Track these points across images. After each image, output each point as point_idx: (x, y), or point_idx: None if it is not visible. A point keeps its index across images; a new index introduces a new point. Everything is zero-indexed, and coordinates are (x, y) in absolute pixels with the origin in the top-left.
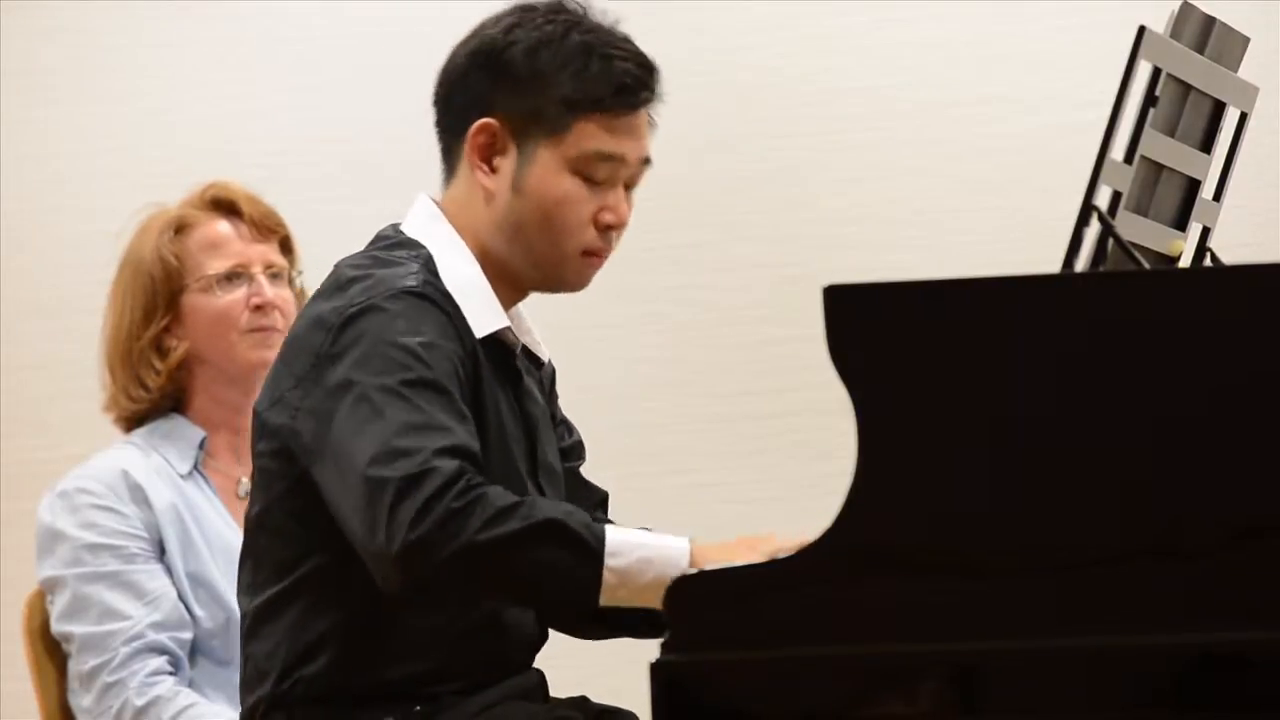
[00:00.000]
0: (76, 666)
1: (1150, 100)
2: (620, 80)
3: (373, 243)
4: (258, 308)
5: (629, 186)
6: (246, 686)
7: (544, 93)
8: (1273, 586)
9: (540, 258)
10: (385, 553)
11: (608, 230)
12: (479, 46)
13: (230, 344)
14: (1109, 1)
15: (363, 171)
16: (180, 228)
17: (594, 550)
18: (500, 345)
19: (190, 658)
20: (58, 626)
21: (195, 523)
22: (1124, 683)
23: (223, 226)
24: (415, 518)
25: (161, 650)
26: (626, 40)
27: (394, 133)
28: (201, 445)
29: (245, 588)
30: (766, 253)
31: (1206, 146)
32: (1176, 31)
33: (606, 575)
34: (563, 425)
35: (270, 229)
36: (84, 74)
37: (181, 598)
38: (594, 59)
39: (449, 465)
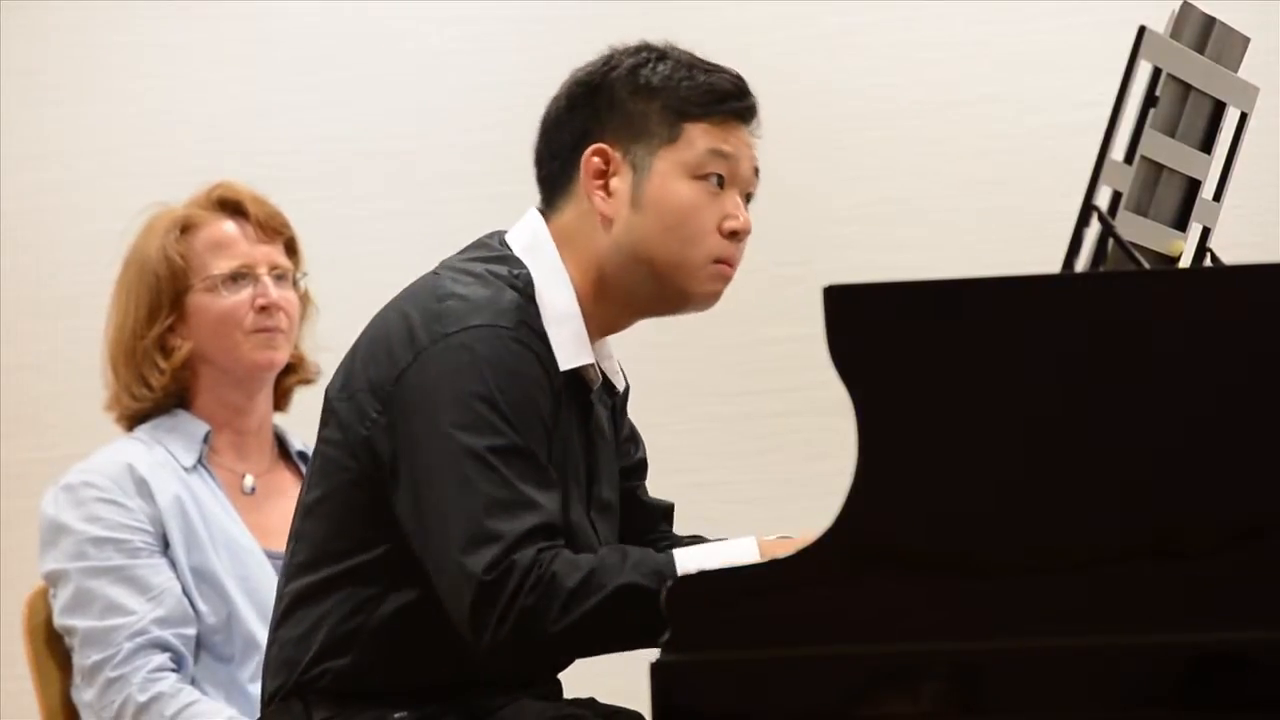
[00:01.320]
0: (79, 661)
1: (1150, 100)
2: (723, 87)
3: (475, 247)
4: (262, 308)
5: (745, 197)
6: (270, 672)
7: (651, 106)
8: (1273, 586)
9: (668, 270)
10: (474, 644)
11: (733, 236)
12: (576, 83)
13: (234, 344)
14: (1109, 1)
15: (366, 173)
16: (186, 227)
17: None
18: (579, 379)
19: (193, 653)
20: (61, 620)
21: (200, 516)
22: (1124, 682)
23: (228, 227)
24: (496, 623)
25: (165, 646)
26: (714, 61)
27: (397, 134)
28: (206, 439)
29: (287, 569)
30: (766, 253)
31: (1207, 146)
32: (1177, 31)
33: None
34: (629, 442)
35: (276, 230)
36: (84, 74)
37: (185, 592)
38: (695, 71)
39: (525, 556)
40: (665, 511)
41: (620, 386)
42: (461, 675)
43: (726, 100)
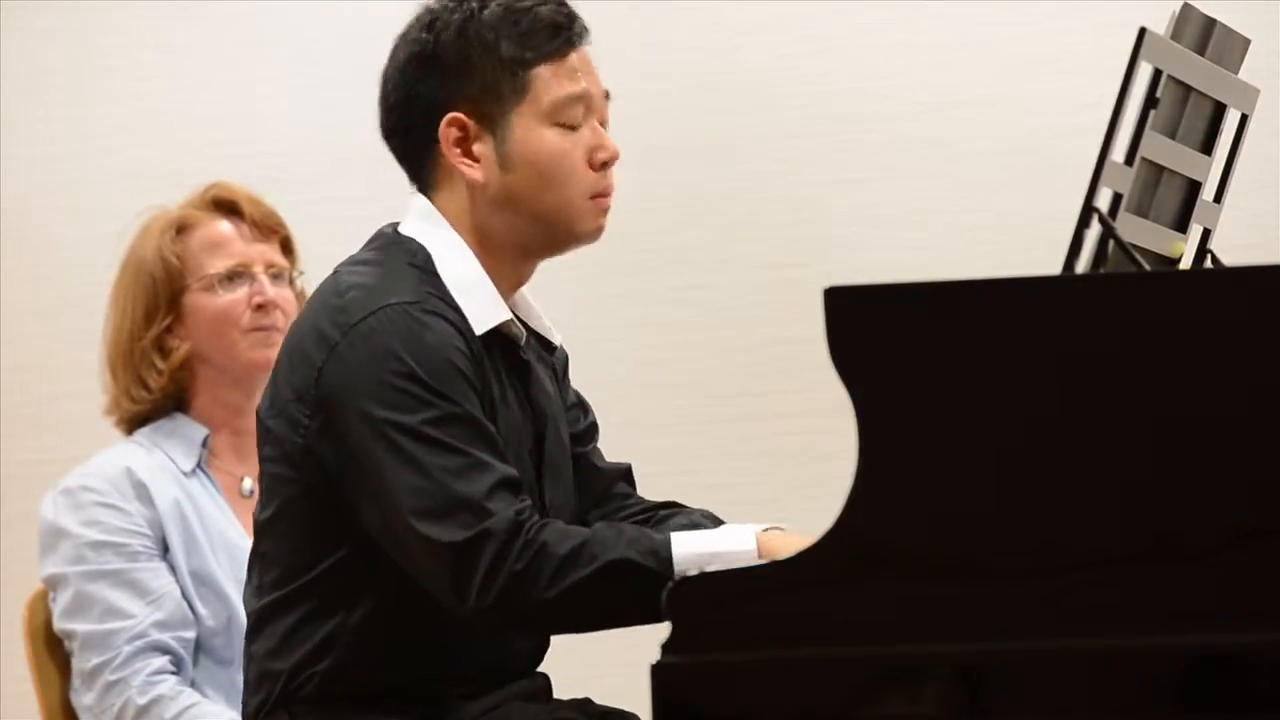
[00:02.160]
0: (79, 664)
1: (1151, 102)
2: (551, 22)
3: (370, 242)
4: (259, 307)
5: (601, 124)
6: (250, 689)
7: (489, 66)
8: (1273, 587)
9: (549, 216)
10: (460, 610)
11: (604, 167)
12: (408, 56)
13: (232, 343)
14: (1110, 3)
15: (363, 172)
16: (182, 228)
17: (663, 576)
18: (504, 338)
19: (192, 656)
20: (60, 624)
21: (199, 520)
22: (1125, 683)
23: (224, 227)
24: (481, 587)
25: (164, 649)
26: None
27: None
28: (204, 443)
29: (253, 590)
30: (767, 254)
31: (1207, 148)
32: (1177, 33)
33: None
34: (576, 408)
35: (271, 229)
36: (84, 75)
37: (184, 596)
38: (518, 15)
39: (502, 520)
40: (623, 473)
41: (557, 340)
42: (445, 670)
43: (559, 34)
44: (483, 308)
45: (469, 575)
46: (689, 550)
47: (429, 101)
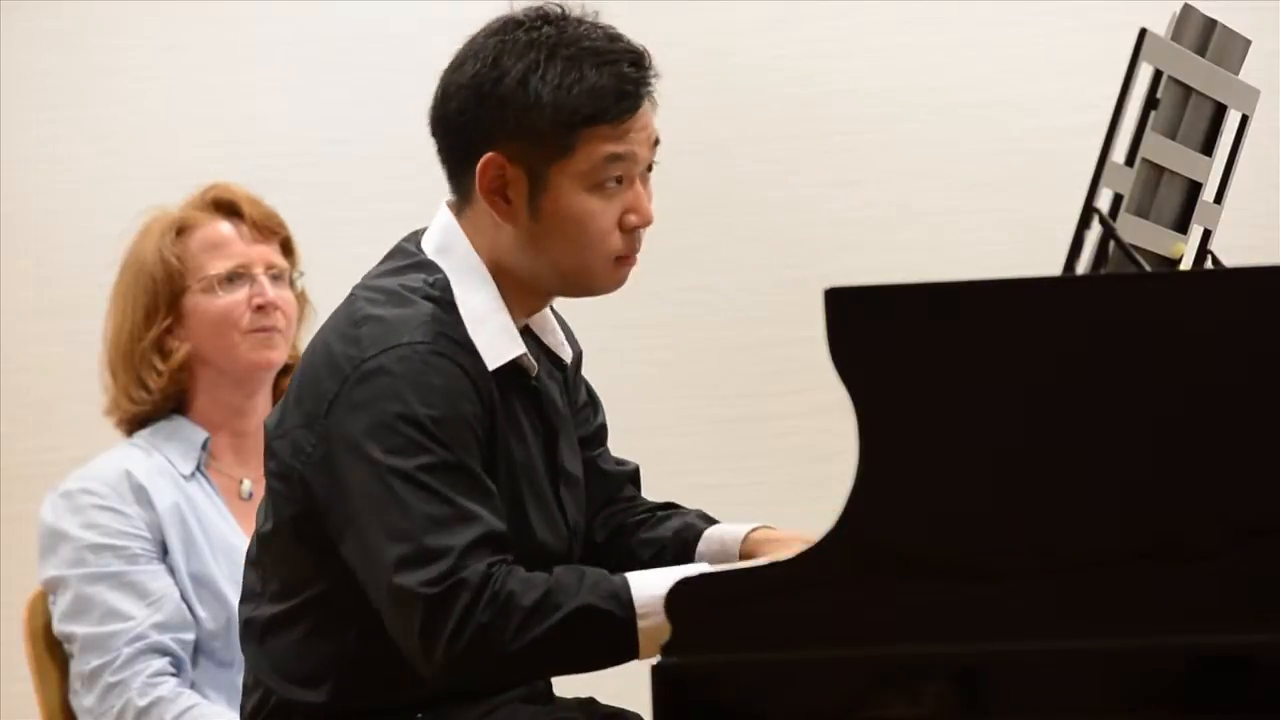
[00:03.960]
0: (78, 667)
1: (1151, 103)
2: (616, 87)
3: (390, 258)
4: (259, 308)
5: (648, 170)
6: (247, 690)
7: (543, 118)
8: (1274, 587)
9: (568, 271)
10: (424, 666)
11: (634, 231)
12: (470, 80)
13: (232, 344)
14: (1110, 3)
15: (363, 173)
16: (181, 229)
17: (624, 620)
18: (518, 369)
19: (192, 658)
20: (60, 627)
21: (198, 523)
22: (1125, 684)
23: (224, 228)
24: (449, 640)
25: (164, 651)
26: (612, 39)
27: (394, 134)
28: (204, 446)
29: (248, 595)
30: (768, 254)
31: (1208, 149)
32: (1178, 34)
33: (641, 638)
34: (587, 407)
35: (271, 230)
36: (84, 75)
37: (184, 598)
38: (586, 71)
39: (475, 573)
40: (630, 476)
41: (568, 357)
42: (440, 693)
43: (620, 101)
44: (497, 342)
45: (439, 628)
46: (647, 593)
47: (477, 132)
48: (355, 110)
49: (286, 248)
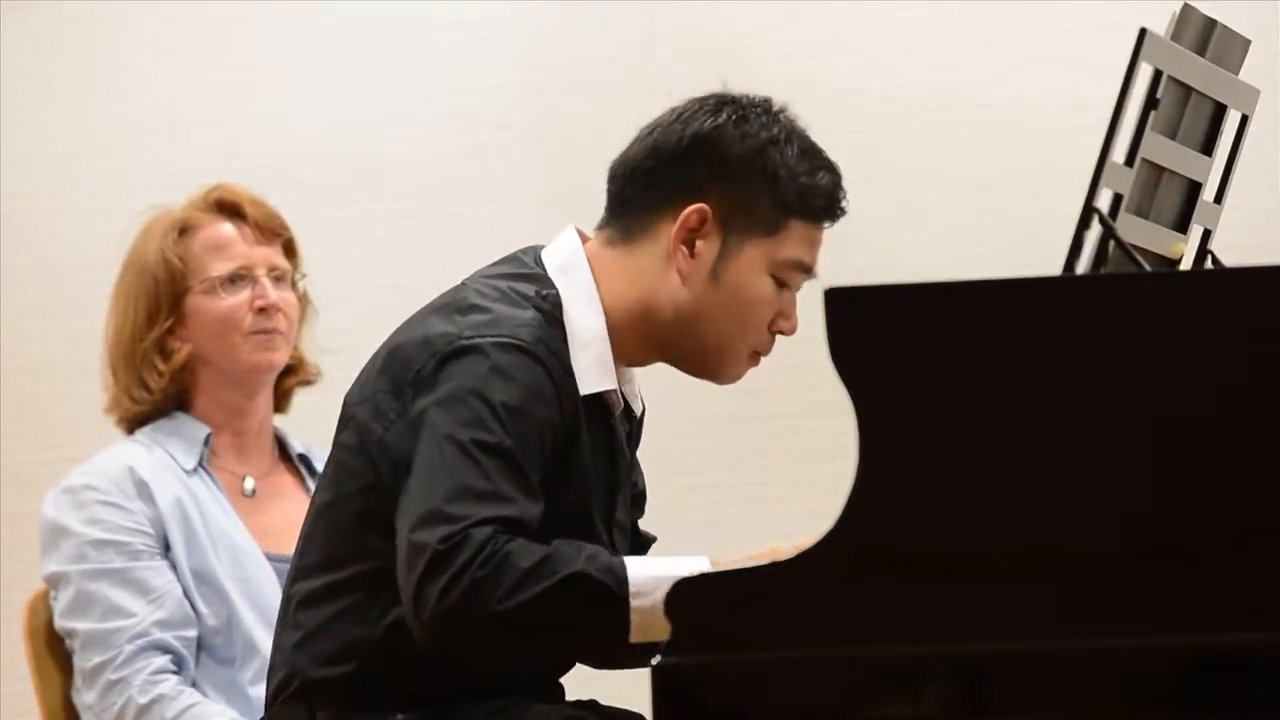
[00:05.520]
0: (80, 663)
1: (1151, 103)
2: (835, 195)
3: (508, 261)
4: (261, 310)
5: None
6: (274, 670)
7: (765, 191)
8: (1273, 587)
9: (712, 349)
10: (414, 619)
11: (775, 335)
12: (703, 131)
13: (233, 346)
14: (1110, 3)
15: (365, 175)
16: (184, 229)
17: (618, 595)
18: (601, 403)
19: (194, 656)
20: (61, 623)
21: (200, 519)
22: (1125, 683)
23: (227, 228)
24: (442, 592)
25: (165, 648)
26: (827, 153)
27: (396, 135)
28: (206, 441)
29: (294, 569)
30: None
31: (1208, 149)
32: (1178, 34)
33: (633, 616)
34: (636, 468)
35: (274, 231)
36: (84, 75)
37: (186, 595)
38: (817, 169)
39: (481, 533)
40: (645, 546)
41: (638, 411)
42: (465, 684)
43: (833, 208)
44: (592, 369)
45: (437, 578)
46: (644, 572)
47: (693, 180)
48: (355, 110)
49: (289, 249)
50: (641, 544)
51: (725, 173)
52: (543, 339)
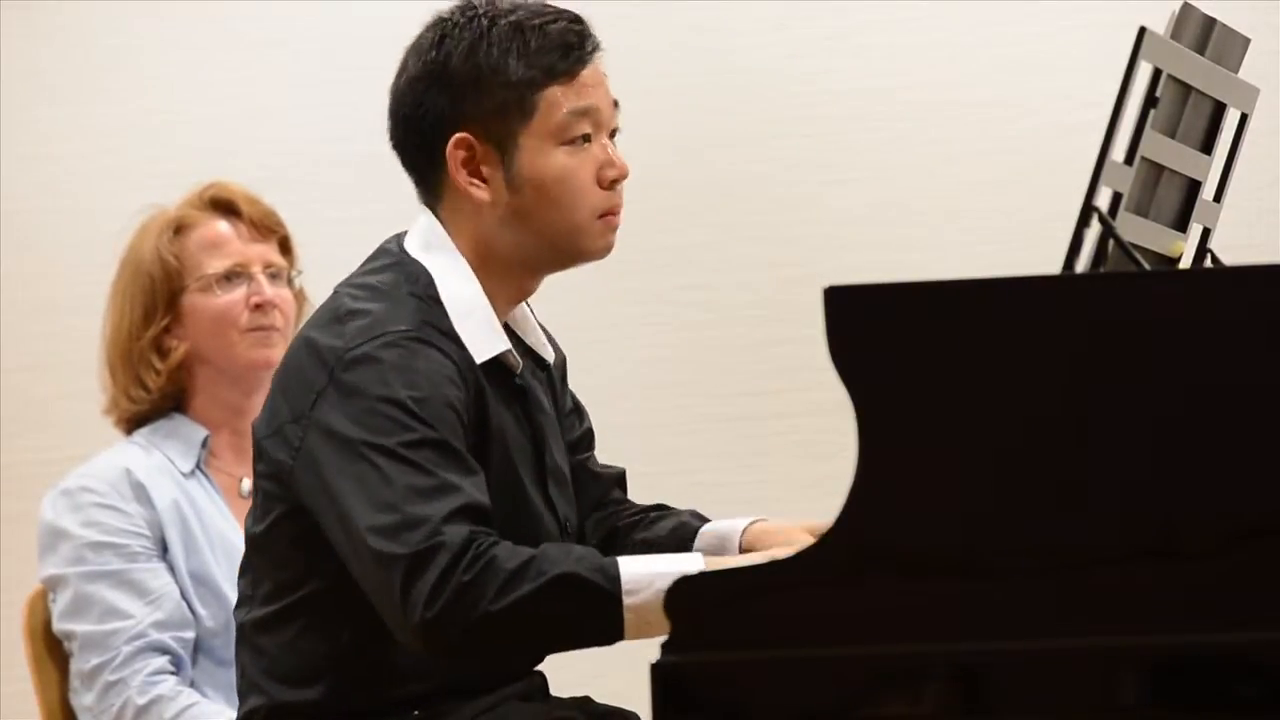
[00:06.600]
0: (78, 665)
1: (1151, 101)
2: (563, 40)
3: (374, 258)
4: (257, 307)
5: (611, 135)
6: (242, 695)
7: (498, 84)
8: (1273, 587)
9: (557, 236)
10: (404, 628)
11: (613, 185)
12: (418, 72)
13: (230, 343)
14: (1110, 2)
15: (361, 173)
16: (179, 228)
17: (609, 593)
18: (502, 366)
19: (191, 657)
20: (59, 625)
21: (198, 521)
22: (1124, 683)
23: (222, 226)
24: (429, 597)
25: (163, 650)
26: (546, 5)
27: None
28: (204, 444)
29: (242, 599)
30: (767, 253)
31: (1207, 147)
32: (1177, 32)
33: (627, 614)
34: (573, 414)
35: (269, 229)
36: (84, 74)
37: (183, 596)
38: (529, 34)
39: (456, 535)
40: (617, 479)
41: (550, 358)
42: (436, 687)
43: (569, 54)
44: (482, 336)
45: (417, 586)
46: (636, 569)
47: (437, 119)
48: (355, 110)
49: (284, 246)
50: (605, 480)
51: (457, 95)
52: (426, 321)
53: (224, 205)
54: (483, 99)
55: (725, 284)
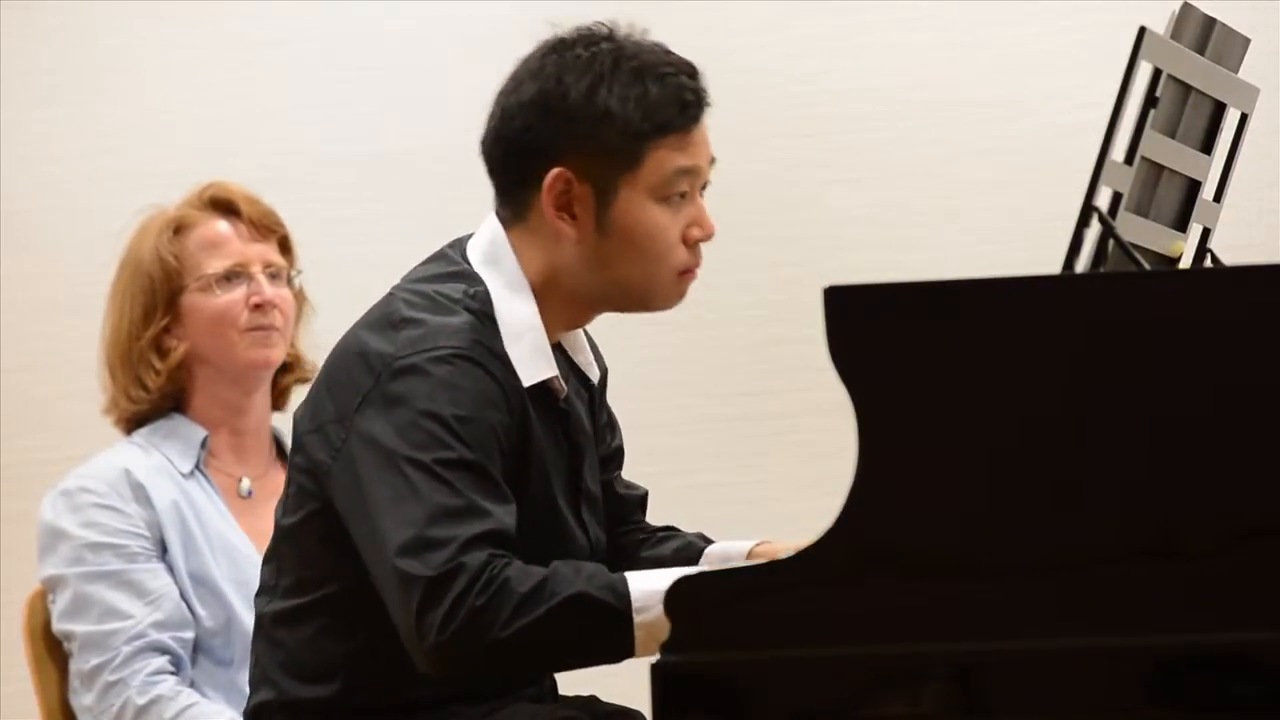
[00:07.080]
0: (78, 665)
1: (1151, 101)
2: (682, 98)
3: (434, 261)
4: (257, 306)
5: (702, 189)
6: (254, 686)
7: (612, 130)
8: (1273, 586)
9: (632, 285)
10: (418, 649)
11: (696, 245)
12: (533, 97)
13: (230, 343)
14: (1110, 2)
15: (361, 173)
16: (179, 228)
17: (620, 612)
18: (547, 390)
19: (191, 657)
20: (59, 625)
21: (197, 522)
22: (1125, 683)
23: (221, 226)
24: (443, 622)
25: (163, 650)
26: (667, 52)
27: (393, 134)
28: (203, 444)
29: (265, 588)
30: (767, 253)
31: (1207, 147)
32: (1177, 32)
33: (637, 631)
34: (606, 429)
35: (269, 228)
36: (84, 74)
37: (183, 597)
38: (650, 83)
39: (475, 560)
40: (639, 501)
41: (595, 377)
42: (449, 692)
43: (685, 111)
44: (531, 360)
45: (435, 608)
46: (644, 587)
47: (542, 148)
48: (355, 110)
49: (284, 246)
50: (627, 503)
51: (567, 130)
52: (478, 341)
53: (224, 205)
54: (592, 141)
55: (725, 284)
